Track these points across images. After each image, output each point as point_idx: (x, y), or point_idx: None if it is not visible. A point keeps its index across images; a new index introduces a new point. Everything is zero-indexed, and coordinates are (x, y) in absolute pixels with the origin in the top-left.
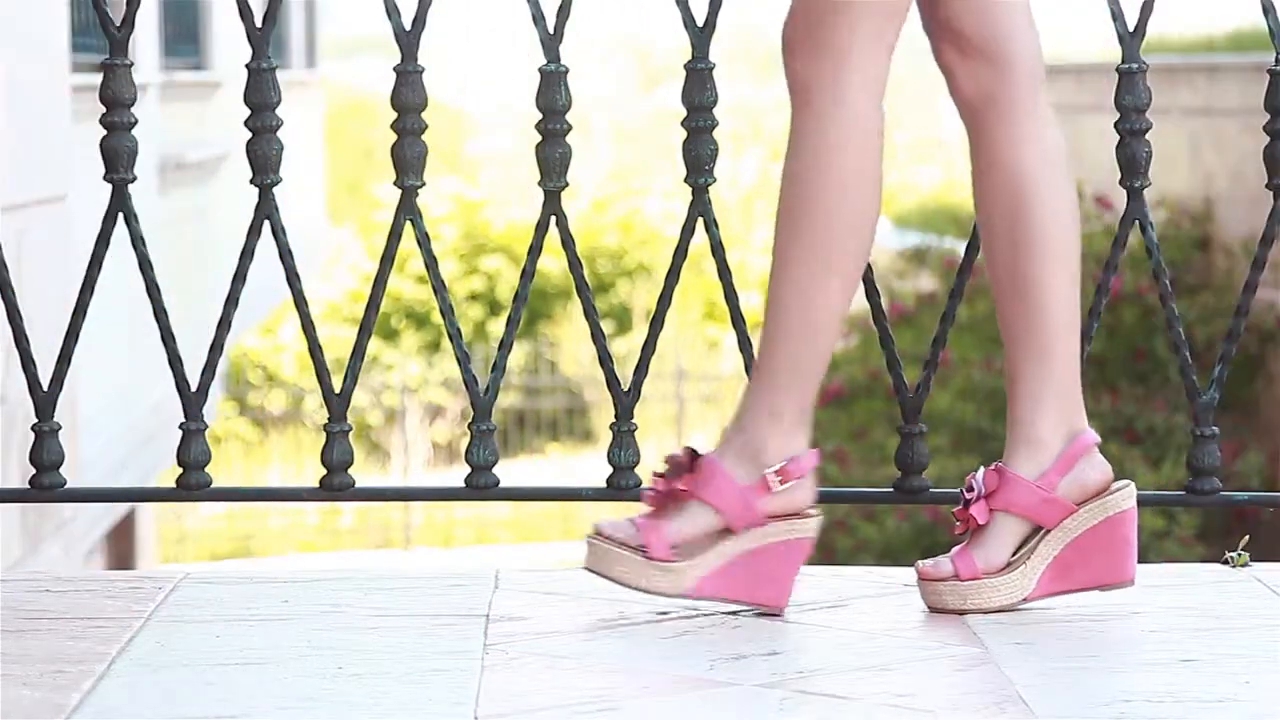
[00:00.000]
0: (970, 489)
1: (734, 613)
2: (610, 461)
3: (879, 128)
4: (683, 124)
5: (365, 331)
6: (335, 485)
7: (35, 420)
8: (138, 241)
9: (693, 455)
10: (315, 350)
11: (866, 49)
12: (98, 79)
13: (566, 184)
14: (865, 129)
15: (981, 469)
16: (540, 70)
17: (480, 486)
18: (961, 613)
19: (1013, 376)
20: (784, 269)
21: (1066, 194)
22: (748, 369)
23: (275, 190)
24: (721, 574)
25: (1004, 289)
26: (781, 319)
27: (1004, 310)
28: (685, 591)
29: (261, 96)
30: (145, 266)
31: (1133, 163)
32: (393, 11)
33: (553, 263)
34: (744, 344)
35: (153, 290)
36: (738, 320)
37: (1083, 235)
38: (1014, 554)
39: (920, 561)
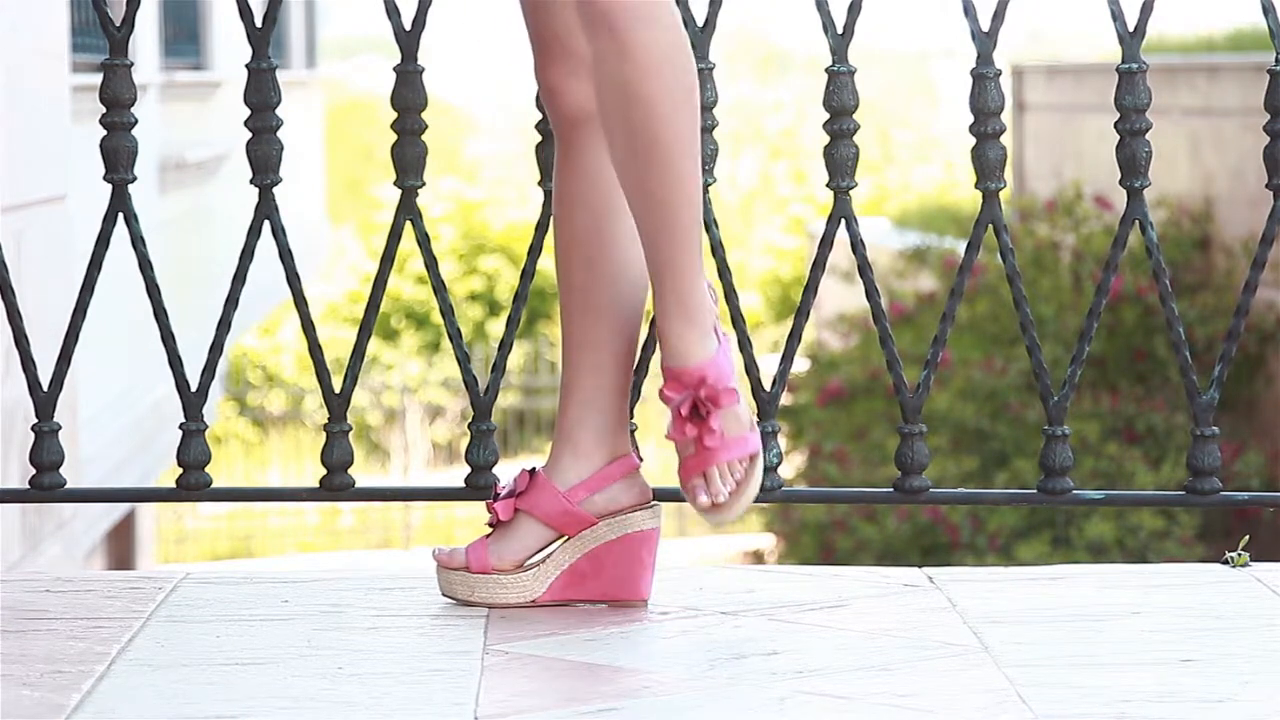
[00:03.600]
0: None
1: (733, 612)
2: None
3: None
4: None
5: (365, 331)
6: (335, 485)
7: (35, 420)
8: (138, 241)
9: (531, 474)
10: (315, 350)
11: None
12: (98, 79)
13: None
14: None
15: (521, 468)
16: None
17: (480, 486)
18: (469, 603)
19: (568, 386)
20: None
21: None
22: (748, 369)
23: (275, 190)
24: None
25: (574, 301)
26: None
27: (571, 324)
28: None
29: (261, 96)
30: (145, 266)
31: (1133, 163)
32: (393, 11)
33: (553, 263)
34: (744, 343)
35: (153, 290)
36: (738, 320)
37: (1082, 235)
38: (531, 556)
39: (438, 548)
